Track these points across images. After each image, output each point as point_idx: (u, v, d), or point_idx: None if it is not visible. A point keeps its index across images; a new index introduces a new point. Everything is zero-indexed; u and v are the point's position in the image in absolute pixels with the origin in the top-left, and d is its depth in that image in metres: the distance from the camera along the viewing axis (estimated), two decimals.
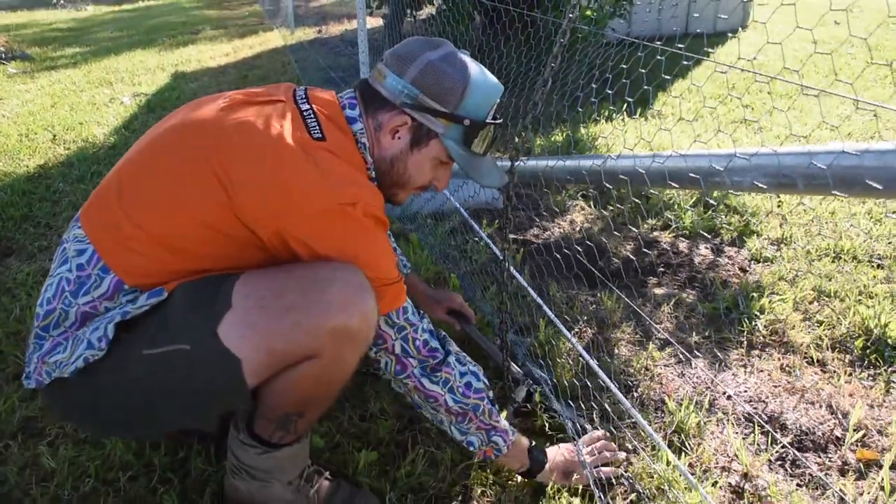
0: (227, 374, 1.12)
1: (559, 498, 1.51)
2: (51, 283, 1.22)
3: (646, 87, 2.01)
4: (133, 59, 7.29)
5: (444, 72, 1.31)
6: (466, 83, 1.31)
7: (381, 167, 1.37)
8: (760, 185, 1.16)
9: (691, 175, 1.36)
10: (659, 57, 1.52)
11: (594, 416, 1.75)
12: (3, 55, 7.45)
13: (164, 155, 1.21)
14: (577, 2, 1.42)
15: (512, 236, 2.74)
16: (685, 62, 1.41)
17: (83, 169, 3.76)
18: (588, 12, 4.82)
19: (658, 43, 1.56)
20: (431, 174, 1.43)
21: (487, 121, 1.37)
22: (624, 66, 1.71)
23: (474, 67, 1.35)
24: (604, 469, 1.56)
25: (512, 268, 1.93)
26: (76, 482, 1.60)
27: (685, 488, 1.51)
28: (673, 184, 1.39)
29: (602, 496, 1.48)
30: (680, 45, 1.51)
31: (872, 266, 2.54)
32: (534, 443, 1.56)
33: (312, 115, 1.25)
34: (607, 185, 1.56)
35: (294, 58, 7.09)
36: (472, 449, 1.46)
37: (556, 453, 1.56)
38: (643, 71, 1.67)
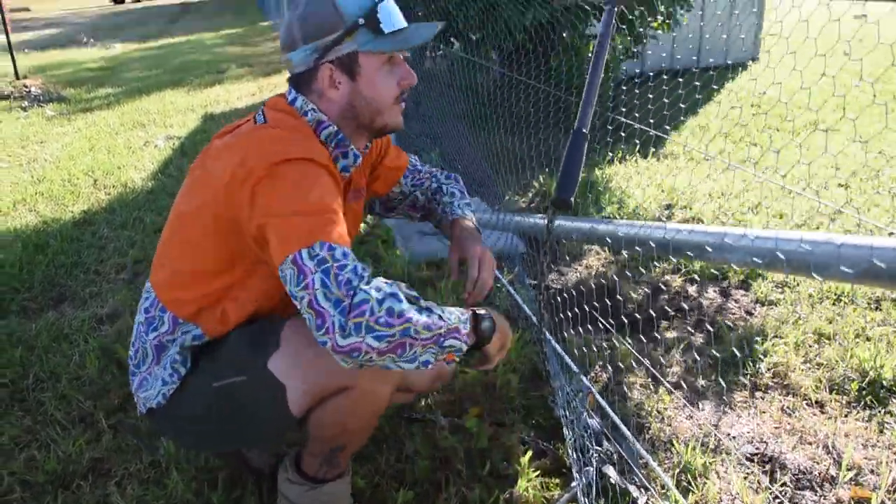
0: (274, 400, 1.40)
1: None
2: (134, 328, 1.55)
3: (656, 131, 2.20)
4: (163, 100, 7.59)
5: (311, 12, 1.41)
6: (331, 1, 1.41)
7: (349, 114, 1.48)
8: (757, 260, 1.34)
9: (708, 247, 1.54)
10: (665, 100, 1.72)
11: (612, 456, 1.93)
12: (41, 97, 7.79)
13: (179, 205, 1.51)
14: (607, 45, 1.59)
15: (530, 282, 2.93)
16: (698, 95, 1.60)
17: (125, 215, 4.00)
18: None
19: (666, 77, 1.75)
20: (390, 80, 1.48)
21: (375, 1, 1.42)
22: (636, 102, 1.91)
23: None
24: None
25: (546, 332, 2.11)
26: None
27: None
28: (689, 254, 1.58)
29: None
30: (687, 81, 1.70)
31: (870, 308, 2.70)
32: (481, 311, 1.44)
33: (260, 113, 1.48)
34: (637, 248, 1.75)
35: None
36: (429, 367, 1.31)
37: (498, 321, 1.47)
38: (651, 107, 1.86)
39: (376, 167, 1.81)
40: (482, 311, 1.41)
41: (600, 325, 2.64)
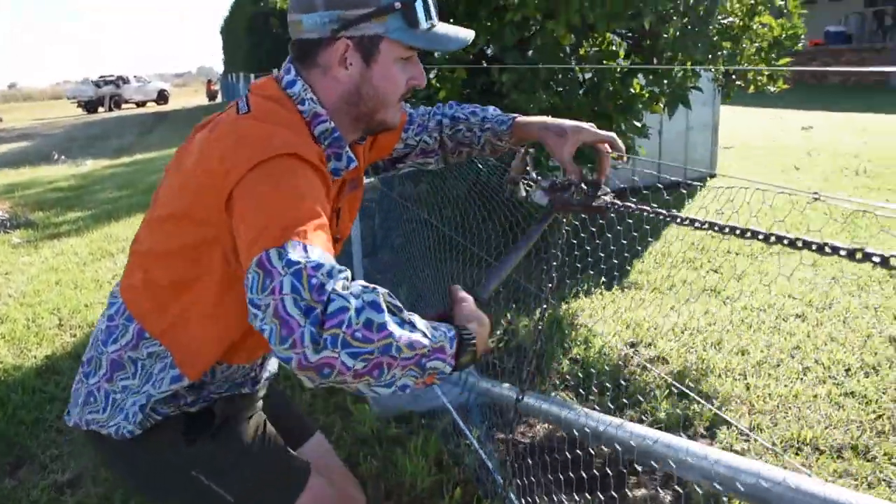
0: None
1: None
2: (92, 336, 1.41)
3: (621, 258, 2.27)
4: (133, 225, 7.63)
5: None
6: None
7: (352, 100, 1.34)
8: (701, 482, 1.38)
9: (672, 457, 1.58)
10: (634, 233, 1.78)
11: None
12: (8, 223, 7.80)
13: (154, 208, 1.36)
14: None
15: (499, 436, 2.93)
16: (658, 222, 1.66)
17: None
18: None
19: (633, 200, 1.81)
20: (402, 76, 1.36)
21: None
22: (597, 242, 1.97)
23: None
24: None
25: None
26: None
27: None
28: (653, 462, 1.62)
29: None
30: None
31: (832, 458, 2.73)
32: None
33: (244, 99, 1.32)
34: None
35: None
36: (407, 391, 1.10)
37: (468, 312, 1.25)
38: (612, 247, 1.92)
39: (374, 143, 1.64)
40: (466, 329, 1.17)
41: (570, 482, 2.63)
